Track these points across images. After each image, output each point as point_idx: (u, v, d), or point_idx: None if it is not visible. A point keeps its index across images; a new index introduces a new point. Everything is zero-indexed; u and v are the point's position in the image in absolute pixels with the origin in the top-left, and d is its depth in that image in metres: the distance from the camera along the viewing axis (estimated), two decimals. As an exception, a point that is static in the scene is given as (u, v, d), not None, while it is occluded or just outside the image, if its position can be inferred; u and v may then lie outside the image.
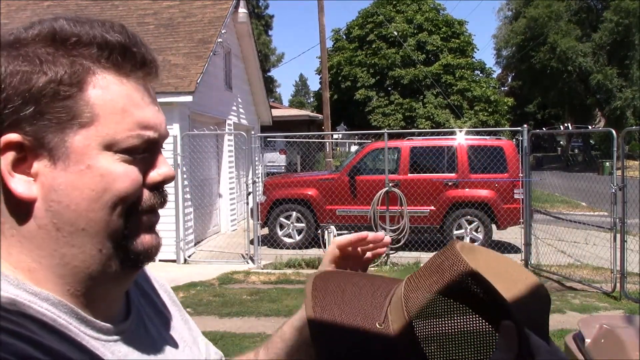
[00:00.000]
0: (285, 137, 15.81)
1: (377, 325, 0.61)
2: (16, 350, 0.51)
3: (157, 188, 0.66)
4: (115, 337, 0.65)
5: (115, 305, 0.68)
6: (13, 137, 0.58)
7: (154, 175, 0.65)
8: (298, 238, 9.96)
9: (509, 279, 0.59)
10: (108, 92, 0.61)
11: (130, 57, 0.63)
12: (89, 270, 0.62)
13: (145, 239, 0.65)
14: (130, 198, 0.62)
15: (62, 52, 0.60)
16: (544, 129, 24.51)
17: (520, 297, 0.58)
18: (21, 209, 0.60)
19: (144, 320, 0.73)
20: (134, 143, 0.62)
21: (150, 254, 0.66)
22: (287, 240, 10.00)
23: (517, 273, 0.61)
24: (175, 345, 0.76)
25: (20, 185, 0.59)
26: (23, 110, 0.58)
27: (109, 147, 0.61)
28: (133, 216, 0.63)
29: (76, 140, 0.60)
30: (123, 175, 0.62)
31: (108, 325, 0.64)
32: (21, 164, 0.60)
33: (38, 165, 0.60)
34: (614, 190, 7.07)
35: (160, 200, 0.67)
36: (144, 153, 0.64)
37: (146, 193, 0.65)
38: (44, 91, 0.59)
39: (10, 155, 0.59)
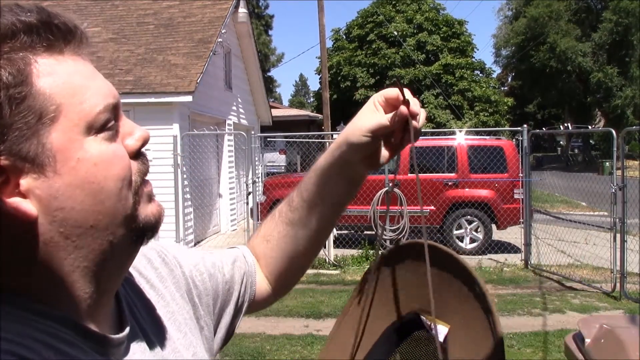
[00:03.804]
0: (285, 137, 15.79)
1: None
2: None
3: (139, 154, 0.63)
4: (118, 349, 0.63)
5: (110, 314, 0.66)
6: None
7: (132, 143, 0.62)
8: (298, 238, 9.94)
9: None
10: (57, 76, 0.56)
11: (56, 32, 0.58)
12: (98, 264, 0.60)
13: (152, 209, 0.63)
14: (128, 176, 0.60)
15: None
16: (544, 129, 24.50)
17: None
18: (22, 234, 0.55)
19: (136, 316, 0.71)
20: (106, 116, 0.59)
21: (156, 222, 0.64)
22: (287, 240, 9.98)
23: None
24: (172, 343, 0.73)
25: (16, 208, 0.54)
26: None
27: (88, 130, 0.57)
28: (134, 193, 0.61)
29: (55, 139, 0.55)
30: (113, 155, 0.59)
31: (110, 336, 0.62)
32: (6, 188, 0.54)
33: (26, 181, 0.54)
34: (614, 190, 7.07)
35: (147, 166, 0.64)
36: (115, 122, 0.60)
37: (133, 164, 0.61)
38: None
39: None
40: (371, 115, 0.82)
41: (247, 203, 10.08)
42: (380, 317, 0.88)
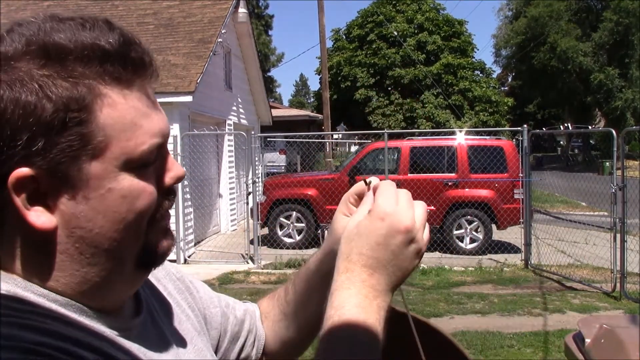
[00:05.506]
0: (285, 137, 15.80)
1: None
2: (32, 340, 0.51)
3: (170, 191, 0.65)
4: (127, 333, 0.64)
5: (126, 304, 0.68)
6: (24, 171, 0.54)
7: (167, 180, 0.64)
8: (298, 238, 9.96)
9: None
10: (116, 110, 0.57)
11: (130, 64, 0.59)
12: (108, 282, 0.61)
13: (163, 244, 0.65)
14: (150, 212, 0.61)
15: (62, 73, 0.55)
16: (544, 129, 24.49)
17: None
18: (42, 238, 0.58)
19: (153, 315, 0.72)
20: (147, 157, 0.60)
21: (165, 255, 0.66)
22: (287, 240, 9.99)
23: None
24: (183, 338, 0.75)
25: (38, 217, 0.56)
26: (33, 145, 0.54)
27: (126, 166, 0.58)
28: (152, 226, 0.63)
29: (93, 167, 0.57)
30: (142, 191, 0.60)
31: (119, 321, 0.64)
32: (36, 196, 0.56)
33: (55, 197, 0.57)
34: (614, 190, 7.07)
35: (172, 202, 0.66)
36: (155, 161, 0.62)
37: (160, 199, 0.63)
38: (53, 121, 0.54)
39: (24, 191, 0.55)
40: (343, 220, 0.78)
41: (247, 203, 10.08)
42: None
